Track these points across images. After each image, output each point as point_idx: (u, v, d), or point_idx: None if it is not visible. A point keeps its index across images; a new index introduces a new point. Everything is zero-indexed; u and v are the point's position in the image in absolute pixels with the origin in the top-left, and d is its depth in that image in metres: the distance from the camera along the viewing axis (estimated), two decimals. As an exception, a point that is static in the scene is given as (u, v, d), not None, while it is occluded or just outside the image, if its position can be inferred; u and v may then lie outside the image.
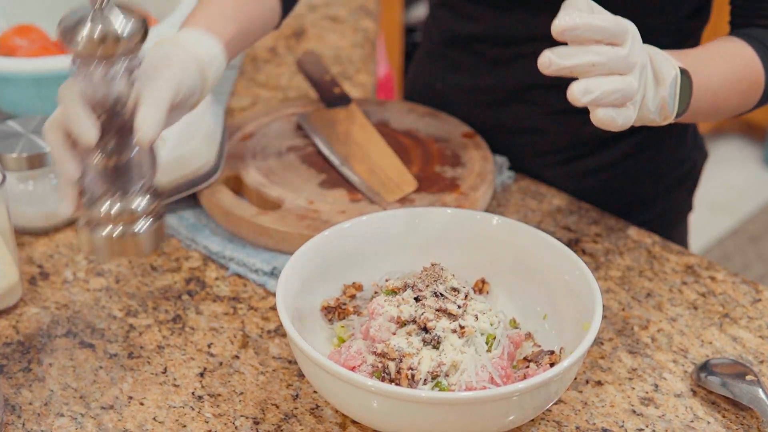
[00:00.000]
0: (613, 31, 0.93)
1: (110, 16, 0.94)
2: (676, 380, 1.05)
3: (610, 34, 0.93)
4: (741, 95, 1.13)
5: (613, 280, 1.18)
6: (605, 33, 0.93)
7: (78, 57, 0.95)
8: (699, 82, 1.05)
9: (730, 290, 1.17)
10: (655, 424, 1.00)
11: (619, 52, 0.93)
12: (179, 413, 1.01)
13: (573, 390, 1.03)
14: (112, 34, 0.93)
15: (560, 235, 1.23)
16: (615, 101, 0.94)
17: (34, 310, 1.13)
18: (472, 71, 1.36)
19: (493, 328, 0.98)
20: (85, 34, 0.93)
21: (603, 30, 0.93)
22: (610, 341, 1.09)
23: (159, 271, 1.19)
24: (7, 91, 1.40)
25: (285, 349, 1.08)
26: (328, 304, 1.06)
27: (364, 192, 1.23)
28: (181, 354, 1.08)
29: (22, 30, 1.48)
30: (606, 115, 0.94)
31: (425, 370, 0.93)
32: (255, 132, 1.34)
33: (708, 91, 1.07)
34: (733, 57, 1.12)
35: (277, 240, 1.18)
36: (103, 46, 0.93)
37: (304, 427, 0.99)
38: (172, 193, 1.23)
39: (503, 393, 0.89)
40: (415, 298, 0.98)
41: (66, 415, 1.00)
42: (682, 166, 1.41)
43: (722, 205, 3.17)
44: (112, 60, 0.95)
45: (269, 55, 1.64)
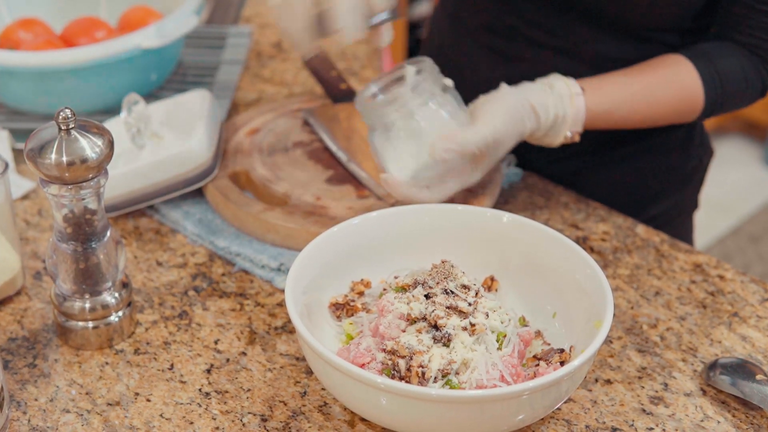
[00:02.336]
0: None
1: (76, 140, 0.96)
2: (686, 379, 1.04)
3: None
4: (664, 111, 1.22)
5: (621, 279, 1.17)
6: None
7: (47, 179, 0.98)
8: (593, 100, 1.16)
9: (739, 289, 1.16)
10: (665, 424, 0.99)
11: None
12: (186, 410, 1.00)
13: (582, 389, 1.03)
14: (79, 159, 0.96)
15: (568, 233, 1.23)
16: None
17: (39, 305, 1.12)
18: (480, 65, 1.35)
19: (503, 326, 0.97)
20: (53, 159, 0.96)
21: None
22: (619, 340, 1.09)
23: (165, 266, 1.18)
24: (11, 85, 1.39)
25: (292, 346, 1.07)
26: (337, 301, 1.05)
27: (372, 188, 1.22)
28: (188, 350, 1.07)
29: (26, 23, 1.47)
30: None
31: (436, 368, 0.93)
32: (261, 127, 1.34)
33: (608, 105, 1.18)
34: (662, 75, 1.20)
35: (284, 236, 1.17)
36: (71, 169, 0.96)
37: (312, 424, 0.98)
38: (169, 191, 1.22)
39: (514, 391, 0.89)
40: (425, 295, 0.97)
41: (72, 411, 1.00)
42: (689, 164, 1.41)
43: (723, 205, 3.16)
44: (80, 181, 0.98)
45: (274, 50, 1.63)
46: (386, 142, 1.12)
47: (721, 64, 1.20)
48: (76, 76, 1.36)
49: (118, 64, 1.37)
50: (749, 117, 3.41)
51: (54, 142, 0.96)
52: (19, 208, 1.27)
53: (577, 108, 1.15)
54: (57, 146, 0.96)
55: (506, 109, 1.10)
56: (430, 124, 1.10)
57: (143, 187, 1.22)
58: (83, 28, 1.46)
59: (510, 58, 1.32)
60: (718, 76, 1.20)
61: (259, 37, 1.67)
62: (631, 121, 1.22)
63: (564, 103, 1.14)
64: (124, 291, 1.07)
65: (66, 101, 1.28)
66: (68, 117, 0.96)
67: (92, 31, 1.46)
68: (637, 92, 1.19)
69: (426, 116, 1.10)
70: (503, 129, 1.10)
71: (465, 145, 1.07)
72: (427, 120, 1.10)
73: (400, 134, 1.11)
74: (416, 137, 1.10)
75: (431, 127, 1.09)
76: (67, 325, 1.06)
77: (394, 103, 1.10)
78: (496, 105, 1.11)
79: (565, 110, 1.14)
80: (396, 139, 1.11)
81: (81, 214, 1.01)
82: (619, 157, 1.35)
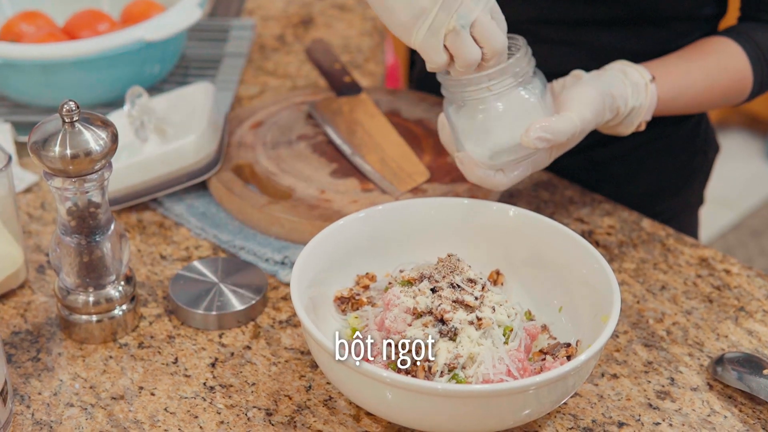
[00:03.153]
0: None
1: (80, 132, 0.96)
2: (692, 374, 1.04)
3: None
4: (716, 96, 1.20)
5: (627, 273, 1.16)
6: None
7: (50, 172, 0.97)
8: (663, 87, 1.13)
9: (745, 283, 1.16)
10: (671, 418, 0.99)
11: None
12: (191, 404, 0.99)
13: (589, 383, 1.02)
14: (83, 152, 0.95)
15: (573, 227, 1.22)
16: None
17: (42, 298, 1.12)
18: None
19: (510, 320, 0.96)
20: (57, 152, 0.95)
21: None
22: (625, 334, 1.08)
23: (169, 260, 1.17)
24: (14, 78, 1.39)
25: (297, 340, 1.07)
26: (342, 295, 1.04)
27: (376, 182, 1.21)
28: (192, 344, 1.06)
29: (29, 16, 1.47)
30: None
31: (442, 362, 0.92)
32: (265, 120, 1.33)
33: (676, 92, 1.16)
34: (714, 59, 1.18)
35: (288, 229, 1.17)
36: (75, 162, 0.96)
37: (318, 418, 0.98)
38: (172, 184, 1.22)
39: (521, 386, 0.88)
40: (431, 289, 0.96)
41: (76, 405, 0.99)
42: (695, 159, 1.40)
43: (725, 200, 3.16)
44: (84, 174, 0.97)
45: (277, 43, 1.63)
46: (466, 119, 1.06)
47: (763, 44, 1.19)
48: (78, 69, 1.36)
49: (121, 56, 1.36)
50: (751, 111, 3.40)
51: (58, 134, 0.95)
52: (22, 201, 1.27)
53: (651, 97, 1.13)
54: (61, 139, 0.95)
55: (592, 100, 1.07)
56: (519, 108, 1.05)
57: (147, 181, 1.21)
58: (86, 21, 1.46)
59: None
60: (763, 55, 1.19)
61: (262, 30, 1.66)
62: (690, 107, 1.20)
63: (640, 93, 1.12)
64: (128, 284, 1.06)
65: (68, 94, 1.27)
66: (72, 109, 0.95)
67: (95, 24, 1.45)
68: (697, 79, 1.17)
69: (516, 100, 1.05)
70: (591, 120, 1.07)
71: (558, 134, 1.04)
72: (516, 104, 1.05)
73: (484, 114, 1.05)
74: (501, 119, 1.05)
75: (519, 111, 1.05)
76: (71, 319, 1.05)
77: (484, 81, 1.04)
78: (583, 94, 1.07)
79: (641, 101, 1.12)
80: (477, 118, 1.06)
81: (85, 207, 1.00)
82: (625, 152, 1.34)
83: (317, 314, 1.01)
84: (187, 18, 1.38)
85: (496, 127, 1.04)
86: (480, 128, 1.05)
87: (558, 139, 1.04)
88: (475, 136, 1.05)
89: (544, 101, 1.06)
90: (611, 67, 1.13)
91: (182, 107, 1.30)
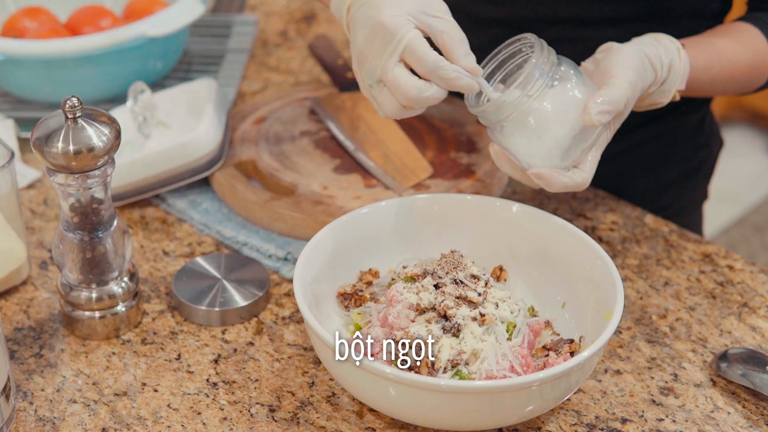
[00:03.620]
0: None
1: (83, 128, 0.96)
2: (696, 370, 1.04)
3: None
4: (740, 75, 1.18)
5: (630, 269, 1.16)
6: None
7: (53, 168, 0.97)
8: (693, 55, 1.11)
9: (749, 279, 1.16)
10: (674, 415, 0.99)
11: None
12: (194, 400, 0.99)
13: (592, 379, 1.02)
14: (86, 148, 0.95)
15: (576, 223, 1.22)
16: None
17: (45, 294, 1.12)
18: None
19: (513, 317, 0.96)
20: (60, 148, 0.95)
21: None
22: (628, 330, 1.08)
23: (171, 256, 1.17)
24: (17, 74, 1.39)
25: (300, 336, 1.07)
26: (345, 291, 1.04)
27: (379, 178, 1.21)
28: (195, 340, 1.06)
29: (31, 12, 1.47)
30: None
31: (445, 359, 0.92)
32: (267, 116, 1.33)
33: (705, 61, 1.13)
34: (735, 39, 1.16)
35: (291, 225, 1.17)
36: (78, 158, 0.95)
37: (321, 415, 0.98)
38: (175, 180, 1.22)
39: (524, 382, 0.88)
40: (434, 285, 0.96)
41: (79, 401, 0.99)
42: (699, 154, 1.40)
43: (727, 195, 3.15)
44: (86, 170, 0.97)
45: (280, 39, 1.62)
46: (519, 136, 1.01)
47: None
48: (81, 65, 1.36)
49: (124, 52, 1.36)
50: (754, 107, 3.39)
51: (61, 130, 0.95)
52: (24, 197, 1.27)
53: (684, 62, 1.10)
54: (64, 135, 0.95)
55: (630, 61, 1.05)
56: (564, 98, 1.01)
57: (149, 177, 1.21)
58: (88, 17, 1.46)
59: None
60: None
61: (265, 26, 1.66)
62: (718, 82, 1.17)
63: (673, 55, 1.09)
64: (131, 281, 1.06)
65: (71, 90, 1.27)
66: (75, 105, 0.95)
67: (97, 20, 1.45)
68: (721, 54, 1.15)
69: (557, 93, 1.01)
70: (637, 82, 1.04)
71: (616, 102, 1.01)
72: (559, 96, 1.01)
73: (535, 120, 1.00)
74: (553, 117, 1.00)
75: (566, 101, 1.01)
76: (74, 315, 1.05)
77: (516, 93, 0.99)
78: (620, 59, 1.05)
79: (675, 62, 1.09)
80: (530, 128, 1.01)
81: (88, 203, 1.00)
82: (629, 146, 1.34)
83: (320, 310, 1.01)
84: (190, 14, 1.38)
85: (553, 127, 1.00)
86: (537, 136, 1.01)
87: (617, 106, 1.01)
88: (536, 146, 1.01)
89: (583, 82, 1.02)
90: (641, 38, 1.11)
91: (185, 103, 1.30)
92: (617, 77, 1.03)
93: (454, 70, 0.97)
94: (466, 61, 0.98)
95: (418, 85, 0.97)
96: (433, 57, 0.97)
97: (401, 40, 0.97)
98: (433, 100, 0.98)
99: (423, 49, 0.97)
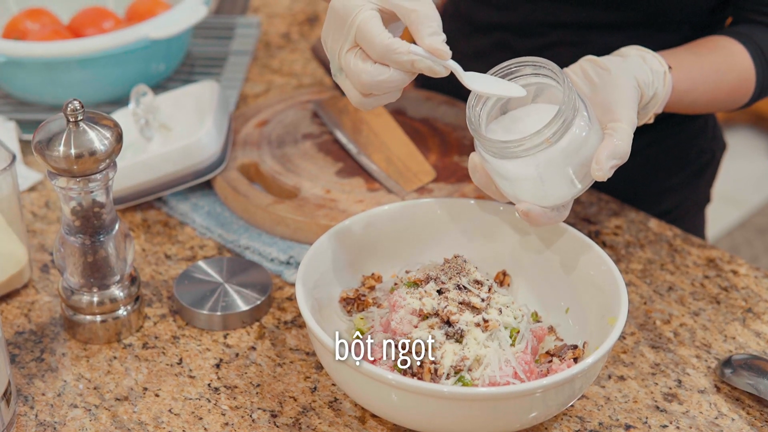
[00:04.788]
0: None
1: (85, 132, 0.95)
2: (700, 376, 1.03)
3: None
4: (722, 96, 1.16)
5: (634, 274, 1.16)
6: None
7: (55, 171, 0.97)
8: (678, 77, 1.08)
9: (753, 284, 1.15)
10: (678, 421, 0.98)
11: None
12: (195, 405, 0.99)
13: (595, 385, 1.02)
14: (87, 151, 0.95)
15: (580, 227, 1.22)
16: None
17: (46, 298, 1.11)
18: (494, 61, 1.34)
19: (516, 322, 0.96)
20: (62, 151, 0.95)
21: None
22: (632, 335, 1.08)
23: (173, 259, 1.17)
24: (18, 76, 1.38)
25: (302, 341, 1.06)
26: (347, 296, 1.04)
27: (382, 182, 1.21)
28: (197, 345, 1.06)
29: (33, 13, 1.47)
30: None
31: (448, 365, 0.91)
32: (270, 119, 1.33)
33: (688, 84, 1.11)
34: (721, 57, 1.15)
35: (294, 229, 1.16)
36: (80, 162, 0.95)
37: (323, 420, 0.97)
38: (177, 183, 1.21)
39: (528, 389, 0.88)
40: (437, 290, 0.96)
41: (80, 406, 0.99)
42: (702, 157, 1.39)
43: (731, 197, 3.15)
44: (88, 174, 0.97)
45: (282, 41, 1.62)
46: (516, 170, 0.95)
47: (764, 45, 1.16)
48: (83, 67, 1.35)
49: (126, 54, 1.36)
50: (757, 109, 3.38)
51: (62, 134, 0.95)
52: (26, 200, 1.26)
53: (668, 86, 1.07)
54: (65, 138, 0.95)
55: (631, 98, 1.01)
56: (577, 144, 0.94)
57: (151, 179, 1.21)
58: (91, 19, 1.45)
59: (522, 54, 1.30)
60: (764, 57, 1.16)
61: (268, 28, 1.66)
62: (697, 104, 1.15)
63: (658, 80, 1.06)
64: (133, 284, 1.06)
65: (73, 92, 1.27)
66: (77, 109, 0.95)
67: (100, 22, 1.45)
68: (707, 74, 1.13)
69: (573, 138, 0.94)
70: (635, 118, 1.01)
71: (625, 154, 0.97)
72: (574, 142, 0.94)
73: (545, 162, 0.94)
74: (563, 162, 0.94)
75: (579, 147, 0.95)
76: (75, 319, 1.05)
77: (536, 138, 0.93)
78: (622, 95, 1.00)
79: (659, 88, 1.07)
80: (536, 169, 0.94)
81: (89, 206, 1.00)
82: (632, 151, 1.33)
83: (322, 315, 1.00)
84: (193, 16, 1.38)
85: (559, 172, 0.95)
86: (540, 178, 0.95)
87: (625, 158, 0.98)
88: (534, 185, 0.95)
89: (590, 119, 0.96)
90: (628, 53, 1.08)
91: (187, 106, 1.30)
92: (621, 121, 0.98)
93: (409, 52, 0.90)
94: (431, 41, 0.91)
95: (368, 70, 0.91)
96: (383, 38, 0.90)
97: (352, 25, 0.92)
98: (392, 85, 0.92)
99: (372, 30, 0.91)
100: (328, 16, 0.94)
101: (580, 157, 0.95)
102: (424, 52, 0.91)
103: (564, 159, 0.94)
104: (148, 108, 1.26)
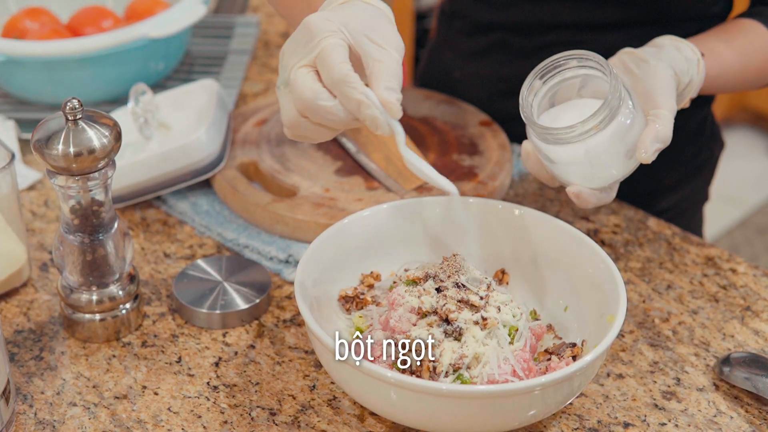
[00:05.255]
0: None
1: (84, 130, 0.95)
2: (698, 374, 1.03)
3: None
4: (750, 77, 1.19)
5: (633, 272, 1.16)
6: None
7: (53, 170, 0.97)
8: (710, 63, 1.12)
9: (751, 283, 1.15)
10: (677, 419, 0.98)
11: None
12: (194, 403, 0.99)
13: (594, 383, 1.02)
14: (86, 150, 0.95)
15: (579, 226, 1.22)
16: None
17: (45, 297, 1.11)
18: (493, 60, 1.34)
19: (515, 320, 0.96)
20: (60, 150, 0.95)
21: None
22: (631, 333, 1.08)
23: (172, 258, 1.17)
24: (18, 75, 1.39)
25: (301, 339, 1.06)
26: (346, 294, 1.04)
27: (381, 180, 1.21)
28: (196, 343, 1.06)
29: (33, 12, 1.47)
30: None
31: (447, 363, 0.92)
32: (269, 118, 1.33)
33: (719, 69, 1.13)
34: (748, 39, 1.17)
35: (293, 228, 1.16)
36: (79, 160, 0.95)
37: (322, 418, 0.97)
38: (176, 182, 1.21)
39: (526, 386, 0.88)
40: (436, 288, 0.96)
41: (79, 404, 0.99)
42: (700, 156, 1.40)
43: (730, 197, 3.15)
44: (87, 172, 0.97)
45: (282, 40, 1.62)
46: (565, 155, 1.01)
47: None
48: (82, 66, 1.35)
49: (125, 53, 1.36)
50: (757, 108, 3.39)
51: (61, 132, 0.95)
52: (25, 198, 1.26)
53: (702, 73, 1.11)
54: (64, 137, 0.95)
55: (671, 85, 1.05)
56: (622, 131, 1.01)
57: (150, 178, 1.21)
58: (90, 18, 1.46)
59: (522, 54, 1.31)
60: None
61: (267, 27, 1.66)
62: (727, 87, 1.18)
63: (692, 67, 1.10)
64: (132, 283, 1.06)
65: (72, 91, 1.27)
66: (75, 107, 0.95)
67: (99, 21, 1.45)
68: (736, 58, 1.16)
69: (618, 125, 1.00)
70: (675, 106, 1.06)
71: (668, 138, 1.03)
72: (620, 129, 1.00)
73: (595, 147, 1.00)
74: (610, 148, 1.01)
75: (624, 133, 1.01)
76: (74, 318, 1.05)
77: (587, 124, 0.99)
78: (662, 83, 1.05)
79: (694, 75, 1.10)
80: (584, 154, 1.01)
81: (88, 205, 1.00)
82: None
83: (321, 313, 1.01)
84: (192, 15, 1.38)
85: (607, 157, 1.01)
86: (588, 162, 1.01)
87: (668, 142, 1.03)
88: (583, 169, 1.02)
89: (634, 107, 1.01)
90: (663, 43, 1.11)
91: (186, 104, 1.30)
92: (662, 107, 1.04)
93: (363, 93, 0.88)
94: (386, 94, 0.88)
95: (315, 89, 0.89)
96: (343, 67, 0.88)
97: (318, 44, 0.89)
98: (329, 116, 0.89)
99: (336, 56, 0.88)
100: (297, 30, 0.92)
101: (626, 142, 1.01)
102: (376, 101, 0.88)
103: (611, 144, 1.01)
104: (147, 107, 1.26)
